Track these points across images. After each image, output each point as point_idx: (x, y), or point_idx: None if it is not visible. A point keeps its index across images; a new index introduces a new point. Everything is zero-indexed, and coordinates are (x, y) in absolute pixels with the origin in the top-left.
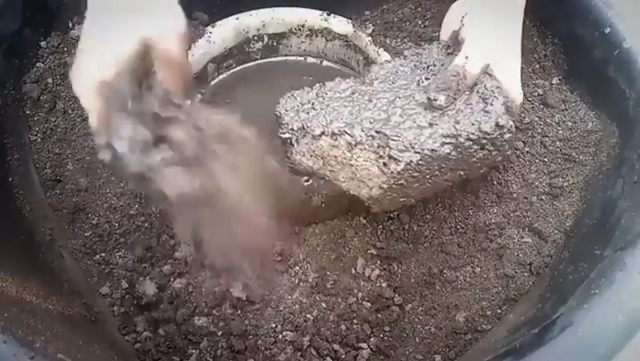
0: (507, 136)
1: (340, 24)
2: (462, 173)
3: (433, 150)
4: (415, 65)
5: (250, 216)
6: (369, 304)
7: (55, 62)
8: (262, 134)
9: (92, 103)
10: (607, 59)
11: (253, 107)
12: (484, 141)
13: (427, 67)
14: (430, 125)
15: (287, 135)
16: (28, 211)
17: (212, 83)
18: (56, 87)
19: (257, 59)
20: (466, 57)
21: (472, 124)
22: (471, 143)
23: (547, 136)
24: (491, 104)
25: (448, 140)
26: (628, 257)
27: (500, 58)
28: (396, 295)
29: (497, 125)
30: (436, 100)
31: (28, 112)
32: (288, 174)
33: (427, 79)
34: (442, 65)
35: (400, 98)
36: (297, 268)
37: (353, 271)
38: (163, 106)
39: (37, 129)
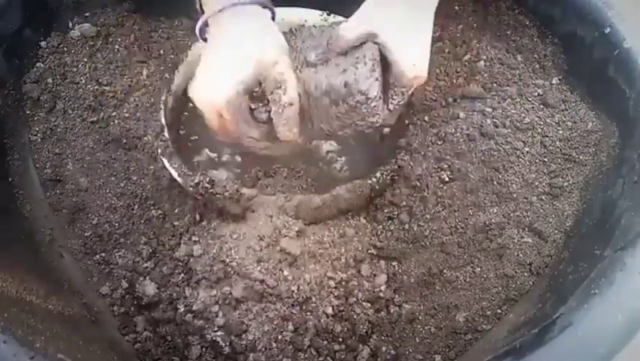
0: (358, 97)
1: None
2: (327, 126)
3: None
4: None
5: None
6: (369, 304)
7: (55, 62)
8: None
9: (214, 118)
10: (607, 59)
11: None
12: (334, 97)
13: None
14: None
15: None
16: (28, 211)
17: None
18: (56, 87)
19: None
20: (347, 21)
21: (325, 77)
22: (319, 93)
23: (547, 136)
24: (355, 67)
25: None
26: (628, 257)
27: (399, 28)
28: (396, 296)
29: (346, 83)
30: (308, 57)
31: (28, 112)
32: None
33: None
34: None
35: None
36: (297, 268)
37: (353, 271)
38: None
39: (37, 129)
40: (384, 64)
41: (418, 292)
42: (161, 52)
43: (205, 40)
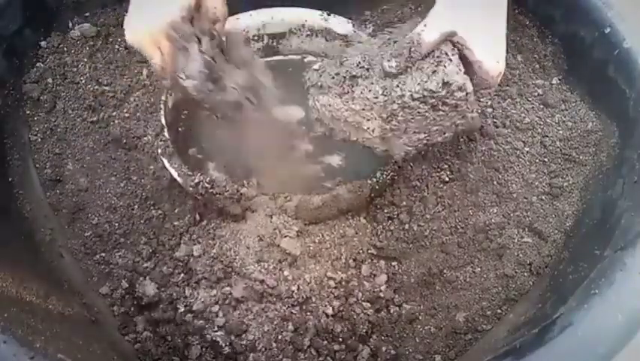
0: (458, 95)
1: (340, 24)
2: (425, 134)
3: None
4: (383, 42)
5: None
6: (369, 304)
7: (55, 62)
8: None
9: (153, 48)
10: (607, 59)
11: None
12: (432, 100)
13: (394, 42)
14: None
15: (308, 85)
16: (28, 211)
17: None
18: (56, 87)
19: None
20: (425, 25)
21: (418, 84)
22: (417, 102)
23: (547, 136)
24: (443, 66)
25: (397, 100)
26: (628, 257)
27: (475, 28)
28: (396, 295)
29: (444, 82)
30: (388, 67)
31: (28, 112)
32: None
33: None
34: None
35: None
36: (297, 268)
37: (353, 271)
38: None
39: (37, 129)
40: (464, 64)
41: (418, 292)
42: None
43: None
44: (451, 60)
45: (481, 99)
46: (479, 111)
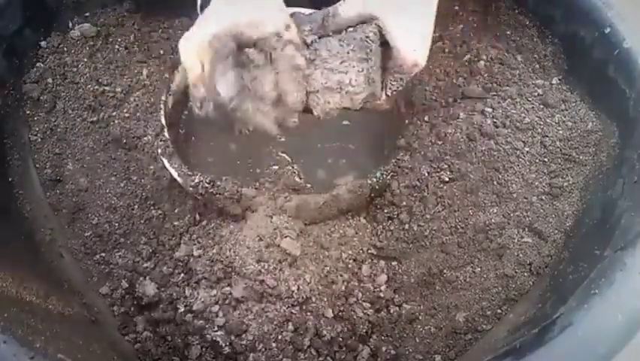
0: (348, 89)
1: None
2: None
3: None
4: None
5: None
6: (369, 304)
7: (55, 62)
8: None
9: (195, 61)
10: (607, 59)
11: None
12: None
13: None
14: None
15: None
16: (28, 211)
17: None
18: (56, 87)
19: None
20: (344, 0)
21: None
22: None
23: (547, 136)
24: (347, 55)
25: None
26: (628, 257)
27: (399, 15)
28: (396, 296)
29: (338, 82)
30: (303, 30)
31: (28, 112)
32: None
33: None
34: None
35: None
36: (297, 268)
37: (353, 271)
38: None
39: (37, 129)
40: (384, 47)
41: (418, 292)
42: (161, 52)
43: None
44: (355, 50)
45: (393, 82)
46: (388, 94)
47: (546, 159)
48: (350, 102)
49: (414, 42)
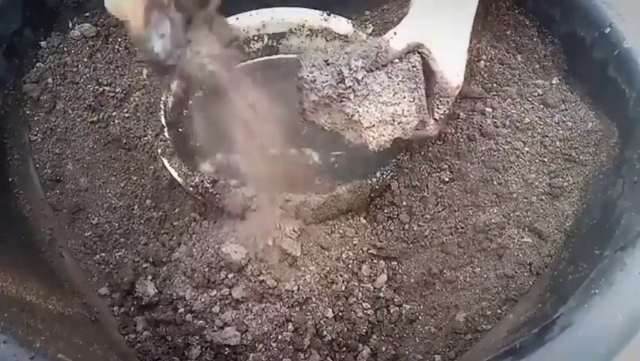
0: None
1: (340, 24)
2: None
3: None
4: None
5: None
6: (369, 304)
7: (55, 62)
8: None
9: (132, 10)
10: (607, 59)
11: (254, 105)
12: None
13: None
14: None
15: (300, 84)
16: (28, 211)
17: None
18: (56, 87)
19: (257, 59)
20: (394, 33)
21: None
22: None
23: (547, 136)
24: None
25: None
26: (628, 257)
27: (440, 41)
28: (396, 295)
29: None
30: (354, 65)
31: (28, 112)
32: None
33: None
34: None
35: None
36: (297, 268)
37: (353, 271)
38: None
39: (37, 129)
40: (427, 72)
41: (418, 292)
42: None
43: None
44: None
45: (440, 107)
46: (437, 119)
47: (546, 159)
48: (402, 132)
49: (454, 64)
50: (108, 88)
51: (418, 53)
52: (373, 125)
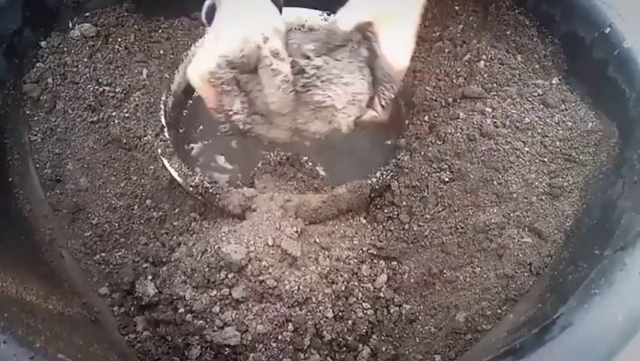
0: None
1: None
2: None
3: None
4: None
5: None
6: (369, 304)
7: (55, 62)
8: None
9: (202, 90)
10: (607, 59)
11: None
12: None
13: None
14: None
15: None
16: (28, 211)
17: None
18: (56, 87)
19: None
20: (341, 14)
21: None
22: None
23: (547, 136)
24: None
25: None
26: (628, 257)
27: (387, 22)
28: (396, 296)
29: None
30: (306, 49)
31: (28, 112)
32: None
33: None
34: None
35: None
36: (297, 268)
37: (353, 271)
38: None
39: (37, 129)
40: (372, 56)
41: (418, 292)
42: (161, 52)
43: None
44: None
45: (385, 92)
46: (383, 105)
47: (546, 159)
48: (360, 111)
49: (399, 48)
50: (108, 88)
51: (364, 34)
52: (344, 107)
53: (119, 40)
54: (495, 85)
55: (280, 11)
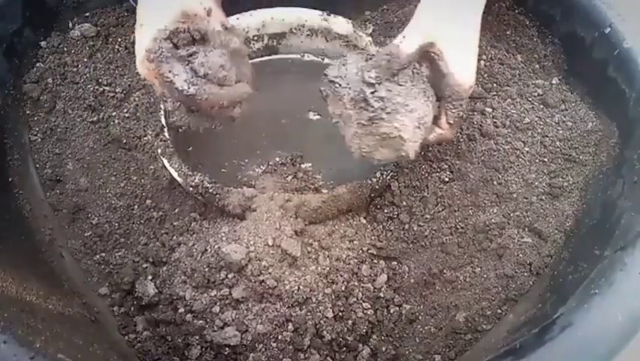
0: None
1: (340, 24)
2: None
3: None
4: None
5: None
6: (369, 304)
7: (55, 62)
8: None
9: (151, 77)
10: (607, 59)
11: (254, 105)
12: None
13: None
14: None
15: (324, 90)
16: (28, 211)
17: None
18: (56, 87)
19: (257, 59)
20: (403, 37)
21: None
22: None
23: (547, 136)
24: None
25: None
26: (628, 257)
27: (451, 41)
28: (397, 295)
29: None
30: (367, 77)
31: (28, 112)
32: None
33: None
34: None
35: None
36: (297, 268)
37: (353, 271)
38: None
39: (37, 129)
40: (438, 75)
41: (418, 292)
42: None
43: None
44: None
45: (453, 110)
46: (451, 122)
47: (546, 159)
48: (426, 133)
49: (465, 63)
50: (108, 88)
51: (428, 54)
52: (412, 135)
53: (119, 40)
54: (495, 85)
55: None
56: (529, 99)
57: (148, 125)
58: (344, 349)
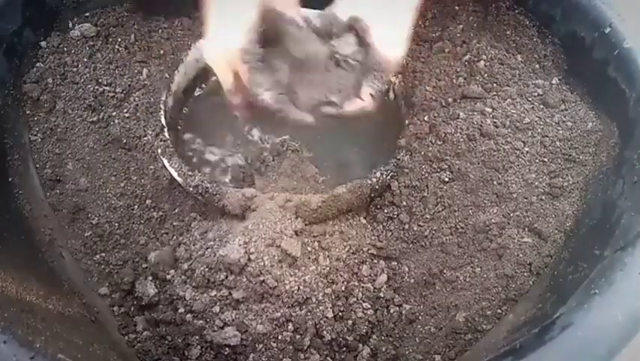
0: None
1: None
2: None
3: None
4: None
5: None
6: (369, 304)
7: (55, 62)
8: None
9: (228, 72)
10: (607, 59)
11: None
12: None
13: None
14: None
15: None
16: (28, 211)
17: (213, 79)
18: (56, 87)
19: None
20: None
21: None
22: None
23: (547, 136)
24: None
25: None
26: (628, 257)
27: (379, 13)
28: (396, 296)
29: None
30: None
31: (28, 112)
32: None
33: None
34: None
35: None
36: (297, 268)
37: (353, 271)
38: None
39: (37, 129)
40: (362, 45)
41: (418, 292)
42: (161, 52)
43: None
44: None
45: (374, 81)
46: (372, 94)
47: (546, 159)
48: (343, 100)
49: (393, 40)
50: (108, 88)
51: (354, 28)
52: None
53: (119, 40)
54: (495, 85)
55: None
56: (529, 99)
57: (148, 125)
58: (344, 349)
